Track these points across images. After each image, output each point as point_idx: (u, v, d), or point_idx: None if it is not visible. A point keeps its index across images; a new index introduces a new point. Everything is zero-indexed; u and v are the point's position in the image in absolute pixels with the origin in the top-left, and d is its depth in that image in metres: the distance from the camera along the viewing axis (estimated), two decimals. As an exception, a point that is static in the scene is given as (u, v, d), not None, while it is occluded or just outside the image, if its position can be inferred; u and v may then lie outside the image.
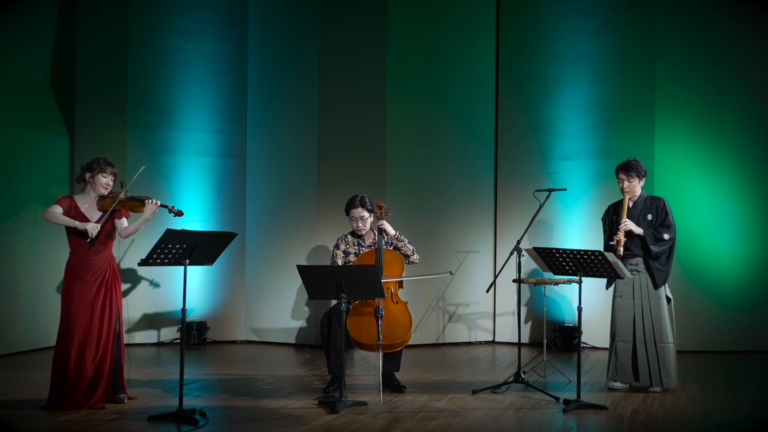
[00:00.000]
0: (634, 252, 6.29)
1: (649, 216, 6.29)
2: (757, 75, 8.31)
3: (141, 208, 5.69)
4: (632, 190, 6.33)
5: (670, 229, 6.26)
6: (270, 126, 8.81)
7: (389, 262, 6.25)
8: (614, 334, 6.38)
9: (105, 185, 5.66)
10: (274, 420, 5.40)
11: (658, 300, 6.25)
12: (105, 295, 5.66)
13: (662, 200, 6.36)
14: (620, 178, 6.35)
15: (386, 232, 6.35)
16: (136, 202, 5.69)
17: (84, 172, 5.72)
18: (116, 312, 5.73)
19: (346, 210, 6.49)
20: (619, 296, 6.38)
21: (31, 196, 7.98)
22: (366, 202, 6.42)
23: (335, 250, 6.51)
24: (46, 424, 5.25)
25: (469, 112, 8.87)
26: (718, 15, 8.30)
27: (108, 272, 5.70)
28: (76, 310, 5.59)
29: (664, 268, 6.25)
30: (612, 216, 6.43)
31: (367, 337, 6.01)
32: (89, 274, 5.63)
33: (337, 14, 8.62)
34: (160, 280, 8.50)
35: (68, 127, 8.46)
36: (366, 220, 6.43)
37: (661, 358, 6.20)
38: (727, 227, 8.28)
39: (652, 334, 6.23)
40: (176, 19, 8.67)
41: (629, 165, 6.33)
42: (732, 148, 8.29)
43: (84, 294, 5.60)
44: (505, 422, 5.40)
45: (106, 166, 5.68)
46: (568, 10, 8.68)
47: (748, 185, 8.30)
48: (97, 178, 5.66)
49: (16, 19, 8.01)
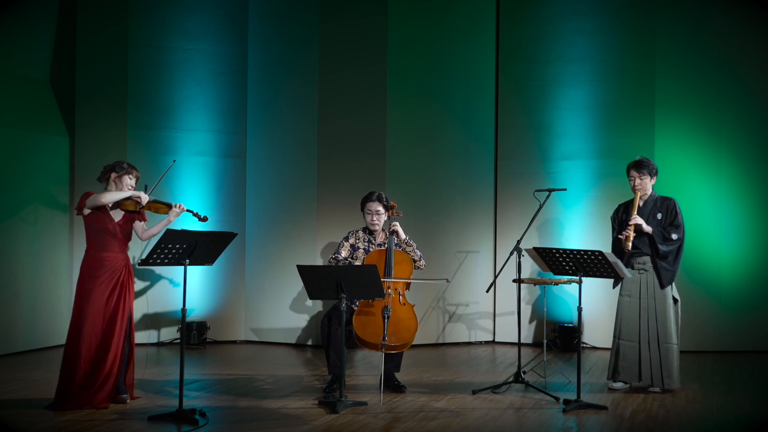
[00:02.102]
0: (642, 250, 6.28)
1: (659, 215, 6.30)
2: (757, 75, 8.31)
3: (166, 210, 5.83)
4: (644, 187, 6.33)
5: (679, 230, 6.26)
6: (270, 126, 8.81)
7: (399, 263, 6.28)
8: (618, 333, 6.37)
9: (130, 186, 5.80)
10: (274, 420, 5.41)
11: (664, 300, 6.24)
12: (119, 295, 5.71)
13: (673, 200, 6.36)
14: (632, 175, 6.36)
15: (398, 235, 6.39)
16: (162, 204, 5.83)
17: (108, 172, 5.82)
18: (128, 312, 5.76)
19: (362, 203, 6.56)
20: (627, 295, 6.36)
21: (31, 196, 7.99)
22: (383, 197, 6.51)
23: (343, 241, 6.57)
24: (47, 423, 5.25)
25: (469, 112, 8.87)
26: (718, 15, 8.30)
27: (123, 272, 5.75)
28: (89, 308, 5.61)
29: (671, 267, 6.25)
30: (622, 215, 6.43)
31: (372, 336, 6.01)
32: (105, 274, 5.67)
33: (337, 14, 8.62)
34: (159, 280, 8.50)
35: (68, 127, 8.46)
36: (381, 215, 6.49)
37: (663, 358, 6.20)
38: (727, 227, 8.28)
39: (656, 335, 6.22)
40: (176, 19, 8.67)
41: (641, 162, 6.34)
42: (732, 148, 8.29)
43: (99, 293, 5.64)
44: (505, 422, 5.40)
45: (131, 169, 5.83)
46: (568, 10, 8.68)
47: (748, 185, 8.30)
48: (123, 179, 5.78)
49: (16, 19, 8.01)
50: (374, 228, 6.53)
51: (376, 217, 6.49)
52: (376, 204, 6.48)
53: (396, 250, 6.34)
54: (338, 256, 6.51)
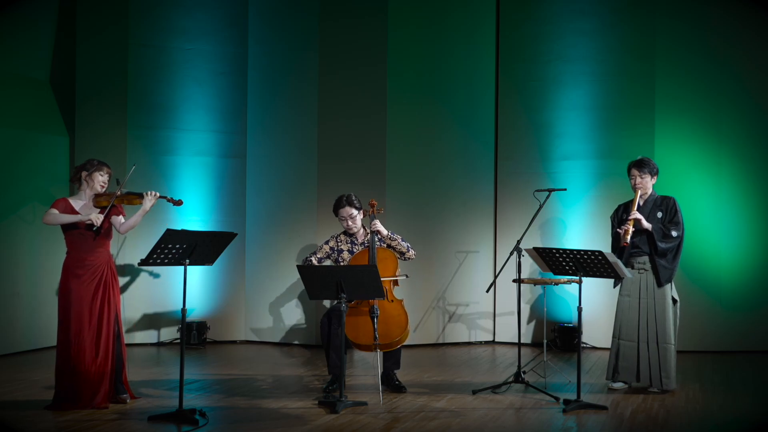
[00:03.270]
0: (642, 249, 6.28)
1: (659, 214, 6.30)
2: (757, 75, 8.30)
3: (139, 201, 5.73)
4: (644, 186, 6.34)
5: (679, 227, 6.25)
6: (270, 126, 8.81)
7: (382, 260, 6.23)
8: (618, 333, 6.36)
9: (102, 183, 5.73)
10: (274, 420, 5.40)
11: (663, 300, 6.24)
12: (103, 294, 5.67)
13: (673, 199, 6.37)
14: (632, 174, 6.36)
15: (380, 233, 6.35)
16: (134, 195, 5.75)
17: (79, 171, 5.76)
18: (115, 311, 5.73)
19: (334, 211, 6.49)
20: (627, 295, 6.36)
21: (31, 196, 7.98)
22: (353, 200, 6.41)
23: (323, 244, 6.54)
24: (47, 424, 5.25)
25: (469, 112, 8.87)
26: (718, 15, 8.30)
27: (106, 271, 5.71)
28: (74, 309, 5.60)
29: (670, 266, 6.24)
30: (622, 214, 6.42)
31: (364, 338, 6.01)
32: (87, 273, 5.64)
33: (337, 14, 8.62)
34: (159, 280, 8.50)
35: (68, 127, 8.46)
36: (356, 218, 6.43)
37: (662, 359, 6.19)
38: (727, 227, 8.28)
39: (655, 335, 6.22)
40: (176, 19, 8.67)
41: (642, 162, 6.36)
42: (732, 148, 8.29)
43: (82, 293, 5.61)
44: (505, 422, 5.40)
45: (101, 165, 5.75)
46: (568, 10, 8.67)
47: (748, 185, 8.30)
48: (94, 176, 5.71)
49: (16, 19, 8.02)
50: (352, 231, 6.49)
51: (351, 221, 6.42)
52: (347, 209, 6.39)
53: (379, 248, 6.29)
54: (311, 258, 6.46)
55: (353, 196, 6.44)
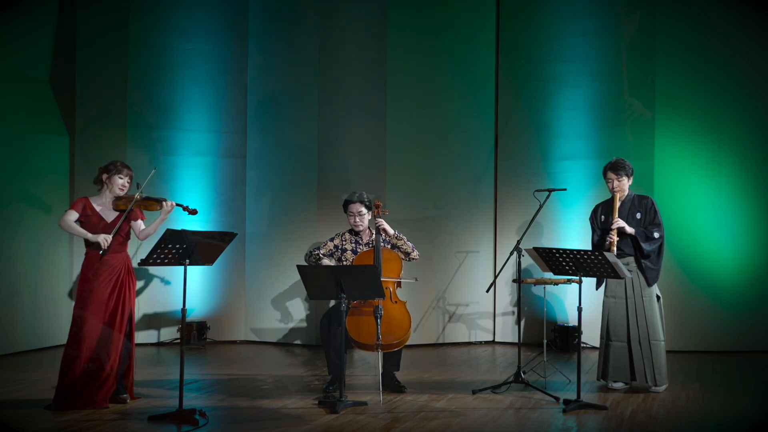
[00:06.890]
0: (625, 251, 6.30)
1: (638, 215, 6.33)
2: (757, 75, 8.30)
3: (157, 207, 5.77)
4: (621, 189, 6.36)
5: (660, 228, 6.31)
6: (270, 126, 8.81)
7: (388, 261, 6.26)
8: (607, 335, 6.39)
9: (121, 186, 5.76)
10: (274, 420, 5.41)
11: (650, 298, 6.30)
12: (119, 294, 5.71)
13: (650, 199, 6.40)
14: (609, 177, 6.38)
15: (386, 232, 6.37)
16: (152, 201, 5.78)
17: (101, 173, 5.81)
18: (129, 312, 5.76)
19: (344, 206, 6.54)
20: (613, 296, 6.39)
21: (31, 196, 7.98)
22: (364, 197, 6.47)
23: (328, 241, 6.56)
24: (47, 423, 5.25)
25: (469, 111, 8.87)
26: (718, 15, 8.30)
27: (123, 272, 5.75)
28: (89, 308, 5.61)
29: (655, 266, 6.29)
30: (600, 215, 6.45)
31: (366, 337, 6.01)
32: (105, 273, 5.67)
33: (338, 15, 8.62)
34: (160, 280, 8.50)
35: (68, 127, 8.46)
36: (363, 216, 6.47)
37: (654, 355, 6.23)
38: (727, 227, 8.28)
39: (646, 333, 6.25)
40: (176, 19, 8.67)
41: (618, 164, 6.36)
42: (732, 148, 8.28)
43: (99, 292, 5.64)
44: (505, 422, 5.40)
45: (123, 168, 5.79)
46: (568, 10, 8.67)
47: (748, 185, 8.30)
48: (113, 179, 5.75)
49: (16, 19, 8.01)
50: (358, 229, 6.51)
51: (358, 218, 6.46)
52: (357, 205, 6.45)
53: (384, 249, 6.32)
54: (317, 252, 6.49)
55: (365, 194, 6.51)
